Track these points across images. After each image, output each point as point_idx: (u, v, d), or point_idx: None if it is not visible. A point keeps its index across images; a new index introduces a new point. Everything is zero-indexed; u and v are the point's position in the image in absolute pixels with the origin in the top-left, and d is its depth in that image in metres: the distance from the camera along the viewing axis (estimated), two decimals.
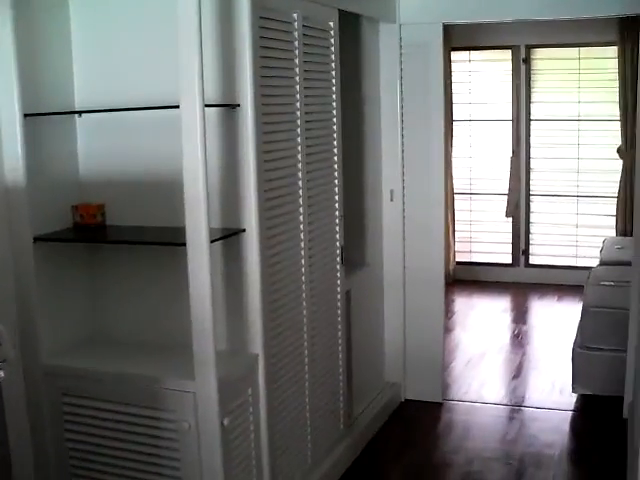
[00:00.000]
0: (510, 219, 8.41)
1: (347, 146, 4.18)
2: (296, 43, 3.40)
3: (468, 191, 8.59)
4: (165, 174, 3.21)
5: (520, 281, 8.40)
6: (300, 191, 3.55)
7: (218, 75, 3.07)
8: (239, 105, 3.04)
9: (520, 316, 7.57)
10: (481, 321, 7.26)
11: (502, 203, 8.35)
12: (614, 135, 7.77)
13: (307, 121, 3.56)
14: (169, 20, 2.80)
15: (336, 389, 4.12)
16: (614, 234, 7.84)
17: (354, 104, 4.70)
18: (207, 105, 2.81)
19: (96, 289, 3.49)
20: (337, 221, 4.01)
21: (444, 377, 5.31)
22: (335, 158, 3.95)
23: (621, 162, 7.73)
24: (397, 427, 4.87)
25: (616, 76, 7.59)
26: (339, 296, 4.08)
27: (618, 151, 7.71)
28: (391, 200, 4.99)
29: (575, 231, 8.25)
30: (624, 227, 7.75)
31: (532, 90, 8.14)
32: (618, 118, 7.65)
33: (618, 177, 7.78)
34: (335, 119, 3.91)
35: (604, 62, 7.85)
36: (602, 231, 7.98)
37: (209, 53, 3.00)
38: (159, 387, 3.04)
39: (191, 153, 2.78)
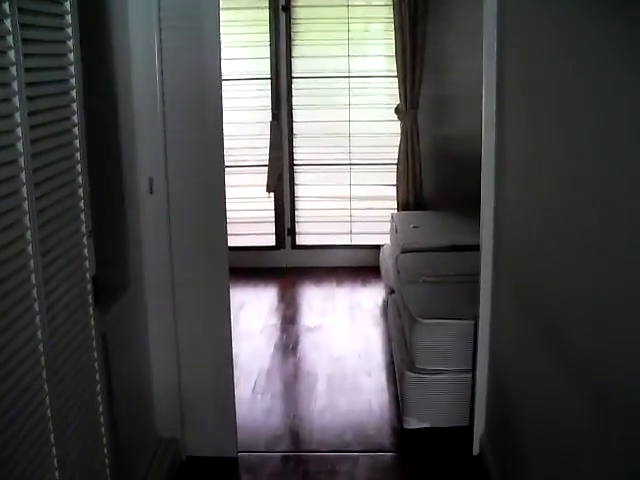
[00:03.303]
0: (272, 194, 7.21)
1: (91, 121, 2.70)
2: None
3: None
4: None
5: (288, 265, 7.27)
6: (25, 204, 2.08)
7: None
8: None
9: (301, 312, 6.32)
10: (253, 323, 5.91)
11: (262, 176, 7.12)
12: (391, 93, 6.76)
13: (30, 83, 2.09)
14: None
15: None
16: (395, 207, 6.86)
17: (98, 59, 3.22)
18: None
19: None
20: (85, 241, 2.58)
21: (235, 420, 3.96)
22: (76, 143, 2.50)
23: (400, 124, 6.73)
24: None
25: (392, 26, 6.56)
26: (95, 354, 2.65)
27: (396, 111, 6.71)
28: (150, 192, 3.62)
29: (348, 205, 7.19)
30: (406, 199, 6.78)
31: (293, 43, 6.92)
32: (395, 74, 6.64)
33: (397, 141, 6.78)
34: (74, 80, 2.46)
35: (377, 10, 6.82)
36: (380, 203, 7.01)
37: None
38: None
39: None
